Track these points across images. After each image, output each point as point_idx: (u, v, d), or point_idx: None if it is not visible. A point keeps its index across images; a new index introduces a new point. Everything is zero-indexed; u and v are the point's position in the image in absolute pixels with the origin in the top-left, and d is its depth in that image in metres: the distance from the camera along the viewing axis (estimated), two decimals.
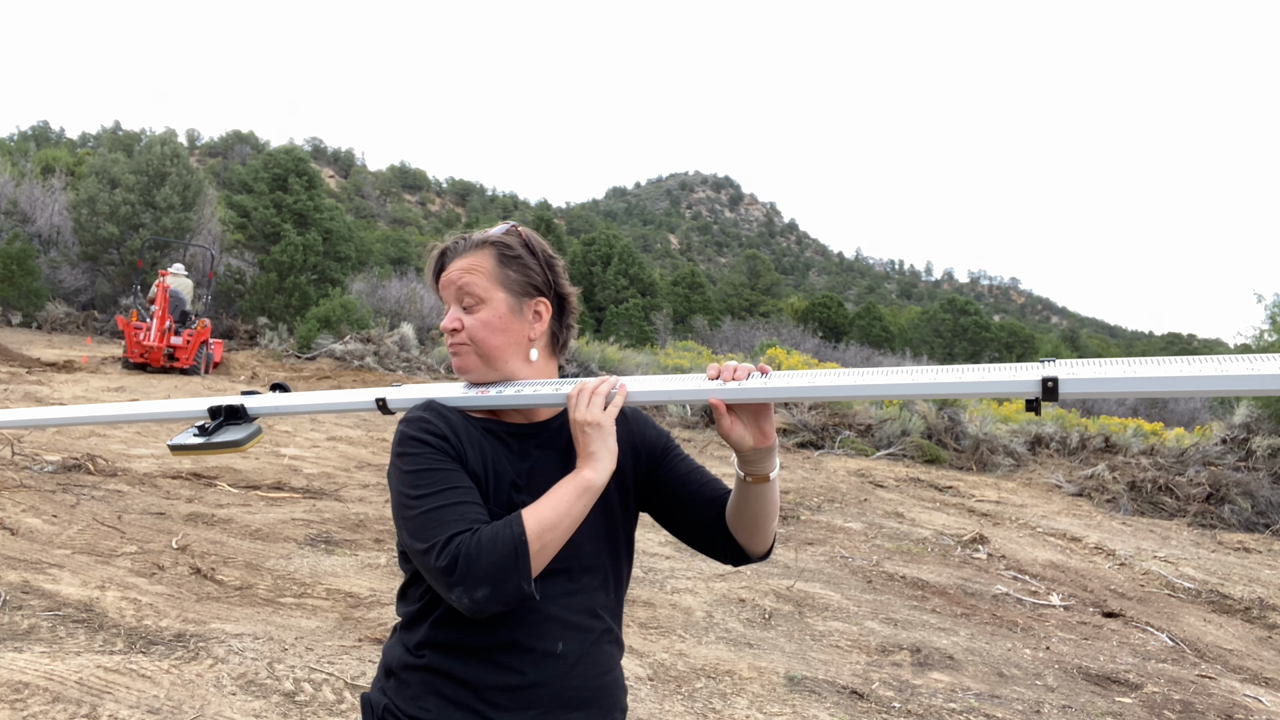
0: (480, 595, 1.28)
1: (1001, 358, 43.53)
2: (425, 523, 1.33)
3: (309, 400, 1.75)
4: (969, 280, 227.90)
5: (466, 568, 1.27)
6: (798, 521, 8.17)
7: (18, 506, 5.66)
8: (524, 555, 1.29)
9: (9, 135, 75.96)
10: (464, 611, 1.32)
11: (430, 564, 1.31)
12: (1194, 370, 1.18)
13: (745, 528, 1.53)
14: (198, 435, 1.72)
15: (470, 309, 1.50)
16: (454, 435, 1.44)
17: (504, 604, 1.30)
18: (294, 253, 23.99)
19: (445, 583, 1.30)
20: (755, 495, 1.49)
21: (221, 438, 1.70)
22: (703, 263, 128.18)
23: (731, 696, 3.95)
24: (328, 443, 9.78)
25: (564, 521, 1.34)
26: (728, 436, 1.43)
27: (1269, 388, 1.14)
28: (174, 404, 1.87)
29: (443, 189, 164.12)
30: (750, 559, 1.59)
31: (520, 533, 1.30)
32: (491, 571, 1.27)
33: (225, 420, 1.73)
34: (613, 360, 20.84)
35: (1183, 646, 5.57)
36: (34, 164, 30.91)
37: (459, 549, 1.29)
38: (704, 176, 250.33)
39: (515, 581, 1.28)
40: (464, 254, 1.53)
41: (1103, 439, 15.30)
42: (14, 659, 3.45)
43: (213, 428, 1.72)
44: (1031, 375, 1.26)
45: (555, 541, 1.33)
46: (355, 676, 3.67)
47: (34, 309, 22.59)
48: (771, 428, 1.45)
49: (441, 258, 1.55)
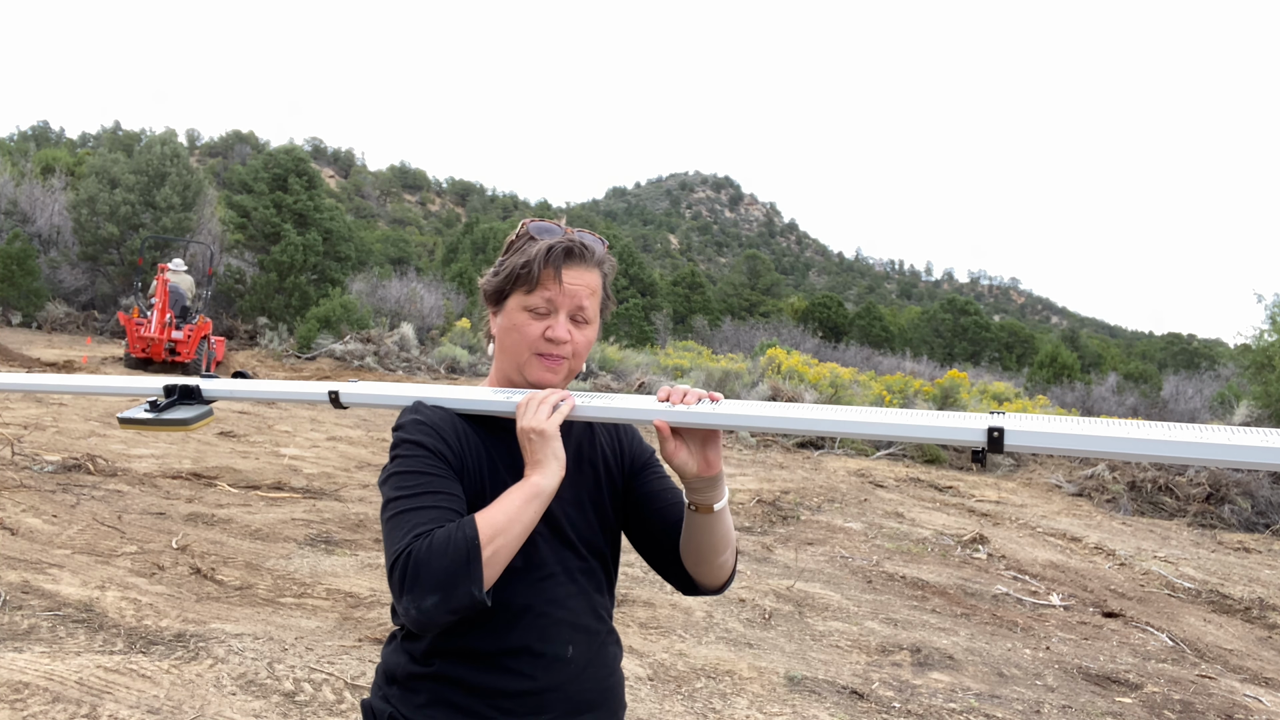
0: (428, 604, 1.21)
1: (1002, 358, 43.50)
2: (393, 527, 1.31)
3: (265, 387, 1.75)
4: (969, 280, 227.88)
5: (416, 574, 1.21)
6: (798, 521, 8.17)
7: (18, 506, 5.66)
8: (476, 560, 1.23)
9: (9, 135, 75.99)
10: (412, 626, 1.26)
11: (389, 574, 1.26)
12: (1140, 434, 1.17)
13: (692, 558, 1.50)
14: (148, 411, 1.71)
15: (578, 325, 1.50)
16: (450, 436, 1.43)
17: (454, 613, 1.23)
18: (294, 253, 23.99)
19: (396, 593, 1.24)
20: (701, 526, 1.46)
21: (170, 415, 1.70)
22: (703, 263, 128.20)
23: (731, 696, 3.95)
24: (328, 443, 9.77)
25: (515, 527, 1.29)
26: (671, 461, 1.40)
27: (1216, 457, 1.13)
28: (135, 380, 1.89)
29: (443, 189, 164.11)
30: (699, 591, 1.55)
31: (473, 536, 1.24)
32: (441, 577, 1.21)
33: (179, 399, 1.73)
34: (613, 360, 20.83)
35: (1183, 646, 5.57)
36: (34, 164, 30.90)
37: (410, 555, 1.23)
38: (704, 176, 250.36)
39: (466, 588, 1.22)
40: (586, 266, 1.49)
41: None
42: (14, 659, 3.45)
43: (164, 405, 1.71)
44: (978, 425, 1.23)
45: (507, 547, 1.28)
46: (355, 676, 3.67)
47: (34, 309, 22.58)
48: (718, 457, 1.41)
49: (566, 254, 1.48)
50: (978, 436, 1.22)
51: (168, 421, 1.69)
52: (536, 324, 1.47)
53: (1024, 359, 42.46)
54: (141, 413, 1.71)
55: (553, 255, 1.47)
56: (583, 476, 1.54)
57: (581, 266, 1.49)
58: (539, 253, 1.47)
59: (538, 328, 1.47)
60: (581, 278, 1.49)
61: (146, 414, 1.70)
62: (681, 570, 1.54)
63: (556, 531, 1.47)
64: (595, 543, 1.53)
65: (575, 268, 1.48)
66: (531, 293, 1.47)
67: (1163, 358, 51.46)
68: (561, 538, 1.48)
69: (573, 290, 1.47)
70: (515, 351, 1.50)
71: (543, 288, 1.47)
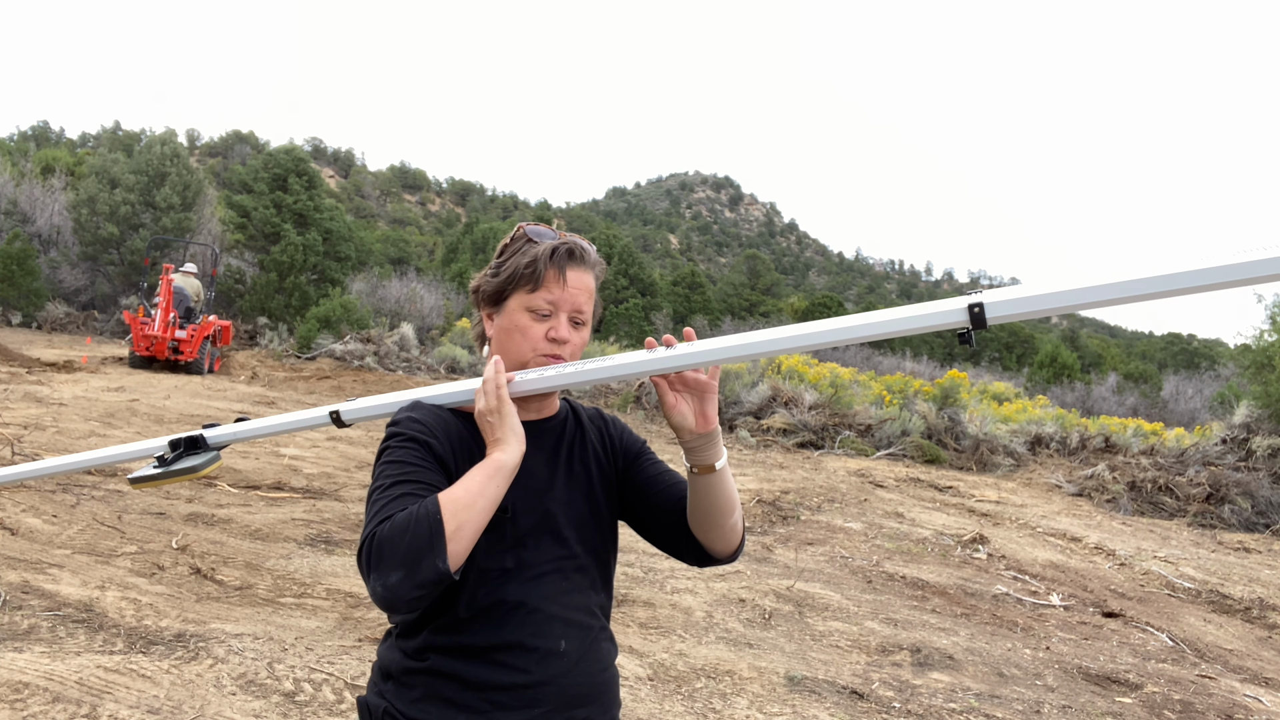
0: (393, 580, 1.22)
1: (1002, 358, 43.51)
2: (367, 515, 1.32)
3: (267, 425, 1.77)
4: (969, 280, 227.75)
5: (380, 553, 1.23)
6: (798, 521, 8.17)
7: (18, 506, 5.66)
8: (439, 534, 1.24)
9: (9, 135, 75.88)
10: (379, 604, 1.27)
11: (358, 557, 1.28)
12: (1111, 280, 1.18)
13: (700, 524, 1.52)
14: (157, 467, 1.75)
15: (575, 326, 1.52)
16: (440, 432, 1.46)
17: (420, 587, 1.24)
18: (294, 253, 24.00)
19: (364, 574, 1.26)
20: (704, 488, 1.48)
21: (179, 466, 1.74)
22: (703, 263, 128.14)
23: (731, 696, 3.95)
24: (328, 443, 9.77)
25: (479, 502, 1.30)
26: (670, 416, 1.44)
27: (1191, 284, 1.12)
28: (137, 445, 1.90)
29: (443, 189, 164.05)
30: (715, 559, 1.57)
31: (435, 511, 1.26)
32: (405, 553, 1.22)
33: (185, 451, 1.76)
34: None
35: (1183, 646, 5.57)
36: (34, 164, 30.90)
37: (374, 536, 1.25)
38: (704, 176, 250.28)
39: (430, 562, 1.22)
40: (585, 268, 1.53)
41: (1103, 439, 15.30)
42: (14, 659, 3.45)
43: (172, 459, 1.75)
44: (958, 305, 1.25)
45: (472, 522, 1.28)
46: (355, 676, 3.67)
47: (34, 309, 22.59)
48: (714, 412, 1.45)
49: (569, 256, 1.51)
50: (959, 317, 1.25)
51: (177, 472, 1.73)
52: (539, 325, 1.50)
53: (1024, 359, 42.47)
54: (151, 470, 1.75)
55: (557, 256, 1.50)
56: (575, 475, 1.56)
57: (581, 268, 1.52)
58: (543, 253, 1.50)
59: (541, 329, 1.50)
60: (581, 280, 1.52)
61: (156, 470, 1.74)
62: (693, 541, 1.56)
63: (550, 529, 1.49)
64: (590, 540, 1.54)
65: (576, 269, 1.51)
66: (535, 293, 1.49)
67: (1163, 358, 51.48)
68: (555, 535, 1.49)
69: (574, 291, 1.50)
70: (517, 352, 1.51)
71: (546, 288, 1.49)
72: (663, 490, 1.60)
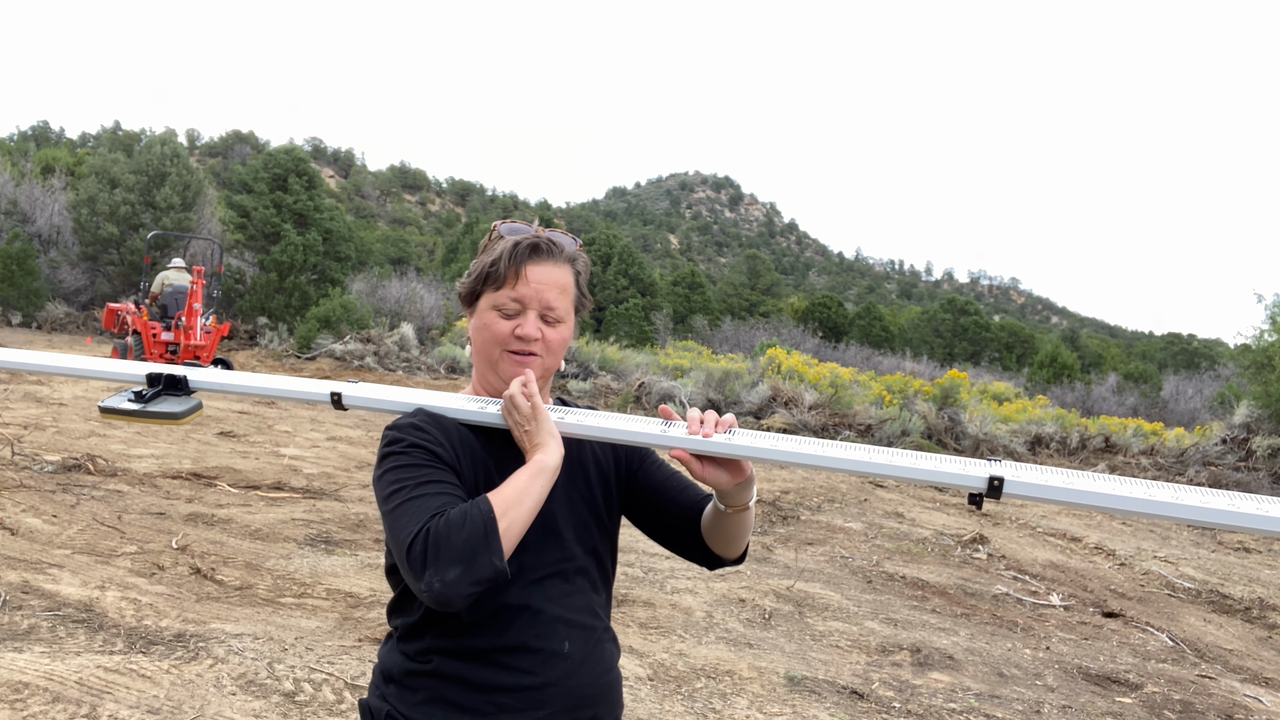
0: (452, 576, 1.23)
1: (1002, 358, 43.53)
2: (401, 514, 1.31)
3: (259, 382, 1.66)
4: (969, 280, 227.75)
5: (436, 549, 1.24)
6: (798, 521, 8.17)
7: (18, 506, 5.67)
8: (493, 531, 1.26)
9: (9, 135, 75.97)
10: (432, 603, 1.27)
11: (405, 556, 1.27)
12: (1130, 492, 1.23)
13: (720, 542, 1.56)
14: (132, 401, 1.62)
15: (549, 324, 1.50)
16: (446, 441, 1.44)
17: (476, 584, 1.25)
18: (294, 253, 24.01)
19: (417, 571, 1.25)
20: (734, 521, 1.51)
21: (158, 407, 1.61)
22: (703, 263, 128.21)
23: (731, 696, 3.95)
24: (328, 443, 9.78)
25: (526, 500, 1.33)
26: (703, 480, 1.43)
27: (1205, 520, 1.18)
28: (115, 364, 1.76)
29: (443, 189, 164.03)
30: (725, 564, 1.62)
31: (488, 510, 1.28)
32: (462, 550, 1.24)
33: (164, 389, 1.64)
34: (613, 360, 20.84)
35: (1183, 646, 5.57)
36: (34, 164, 30.93)
37: (429, 533, 1.26)
38: (704, 176, 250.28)
39: (487, 559, 1.25)
40: (553, 262, 1.49)
41: (1103, 439, 15.30)
42: (14, 659, 3.45)
43: (149, 395, 1.63)
44: (981, 473, 1.30)
45: (520, 520, 1.31)
46: (355, 676, 3.67)
47: (34, 309, 22.60)
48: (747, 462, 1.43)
49: (532, 251, 1.48)
50: (979, 484, 1.29)
51: (154, 414, 1.60)
52: (505, 323, 1.48)
53: (1024, 359, 42.49)
54: (125, 402, 1.62)
55: (517, 252, 1.47)
56: (574, 477, 1.55)
57: (549, 263, 1.49)
58: (506, 250, 1.48)
59: (507, 326, 1.48)
60: (549, 275, 1.48)
61: (130, 404, 1.62)
62: (706, 551, 1.59)
63: (551, 532, 1.48)
64: (590, 542, 1.54)
65: (542, 264, 1.48)
66: (500, 290, 1.48)
67: (1163, 358, 51.48)
68: (556, 538, 1.49)
69: (539, 288, 1.47)
70: (487, 350, 1.51)
71: (509, 286, 1.47)
72: (674, 495, 1.61)
